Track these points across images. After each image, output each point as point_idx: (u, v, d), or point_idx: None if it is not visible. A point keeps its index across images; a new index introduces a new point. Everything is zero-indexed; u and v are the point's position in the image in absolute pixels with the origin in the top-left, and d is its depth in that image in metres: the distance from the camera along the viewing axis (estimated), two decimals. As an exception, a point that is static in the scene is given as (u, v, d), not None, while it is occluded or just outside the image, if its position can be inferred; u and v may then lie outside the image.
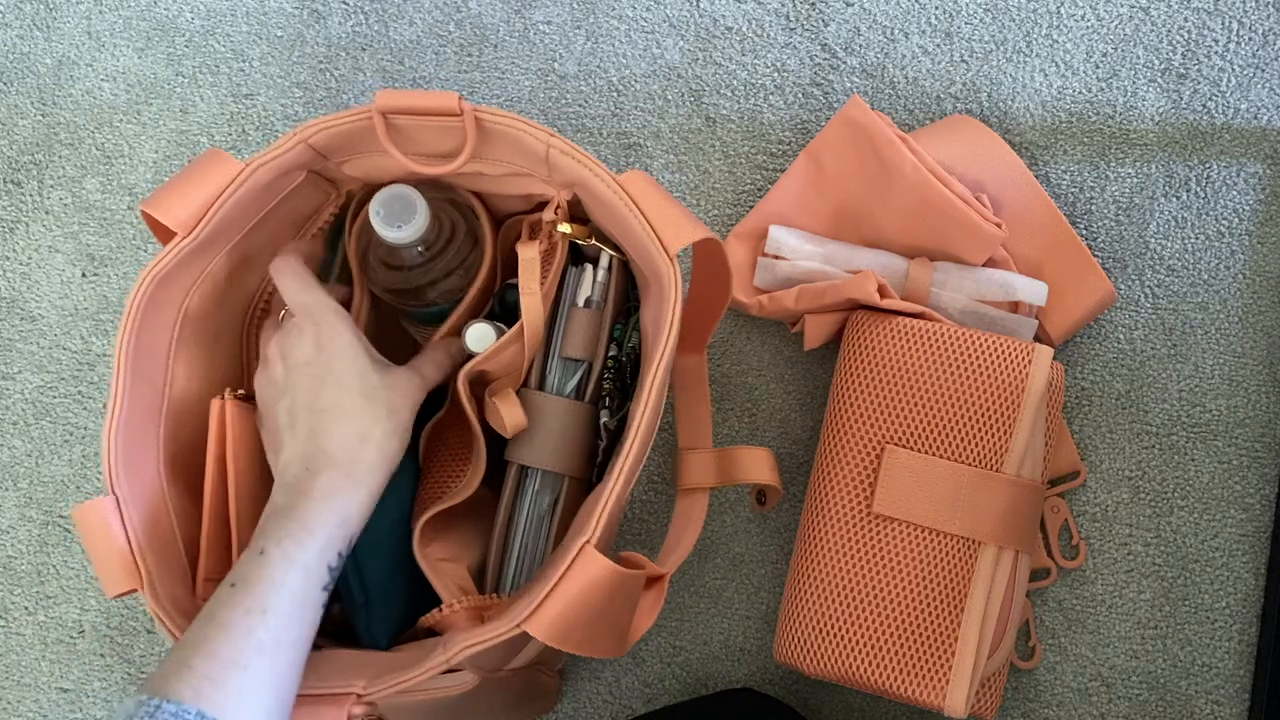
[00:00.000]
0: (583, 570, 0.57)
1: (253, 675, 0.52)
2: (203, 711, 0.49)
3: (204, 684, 0.50)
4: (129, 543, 0.61)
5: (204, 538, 0.65)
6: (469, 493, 0.69)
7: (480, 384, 0.71)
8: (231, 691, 0.51)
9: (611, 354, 0.71)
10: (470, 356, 0.69)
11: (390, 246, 0.67)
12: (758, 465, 0.76)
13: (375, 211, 0.65)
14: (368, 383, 0.63)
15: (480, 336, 0.69)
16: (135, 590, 0.61)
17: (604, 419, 0.70)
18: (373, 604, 0.68)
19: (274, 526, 0.58)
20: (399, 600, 0.70)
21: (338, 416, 0.62)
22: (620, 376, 0.71)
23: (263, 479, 0.67)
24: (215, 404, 0.67)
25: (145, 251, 0.90)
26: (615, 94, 0.90)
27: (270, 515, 0.60)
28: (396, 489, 0.67)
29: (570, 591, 0.57)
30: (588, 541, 0.58)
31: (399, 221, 0.65)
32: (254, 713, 0.51)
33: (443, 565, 0.69)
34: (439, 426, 0.73)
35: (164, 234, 0.65)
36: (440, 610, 0.66)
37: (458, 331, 0.71)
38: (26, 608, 0.88)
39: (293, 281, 0.66)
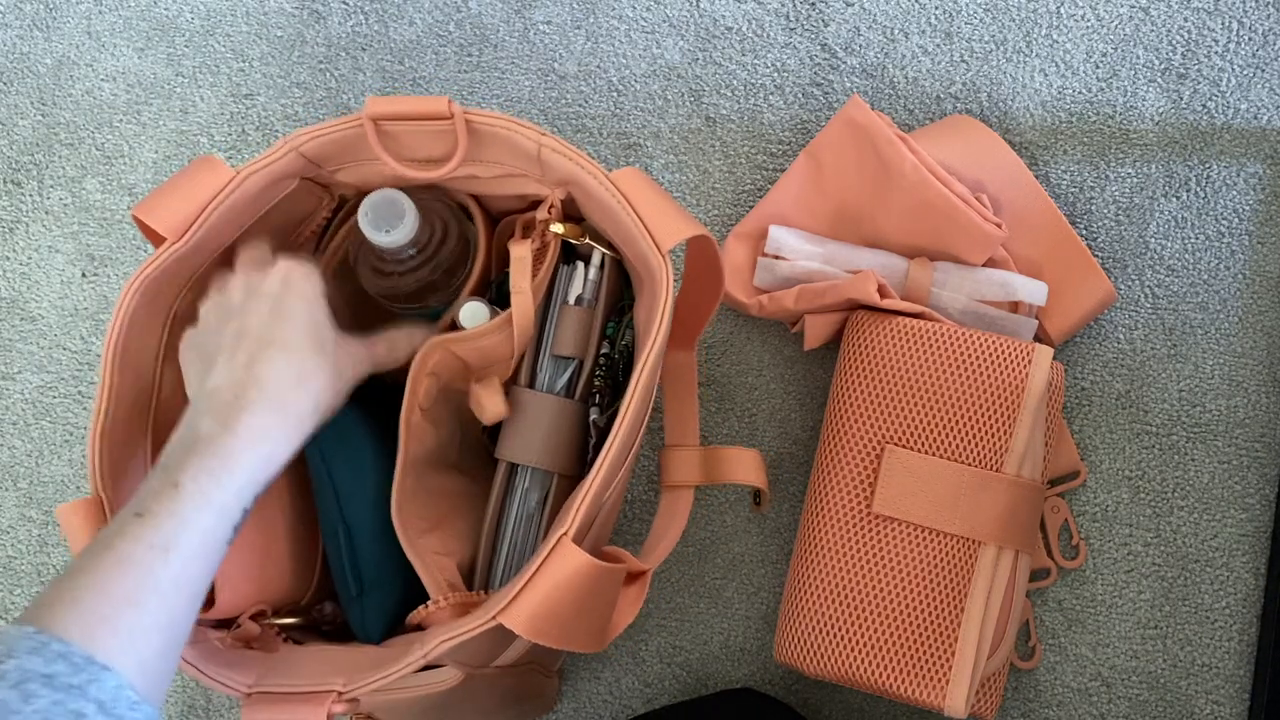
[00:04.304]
0: (560, 563, 0.57)
1: (147, 614, 0.49)
2: (91, 656, 0.45)
3: (92, 620, 0.47)
4: None
5: None
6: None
7: (464, 373, 0.71)
8: (122, 630, 0.48)
9: (604, 351, 0.71)
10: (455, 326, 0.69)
11: (380, 250, 0.67)
12: (744, 466, 0.76)
13: (363, 214, 0.65)
14: (322, 333, 0.62)
15: (474, 313, 0.69)
16: None
17: (593, 416, 0.70)
18: (367, 595, 0.68)
19: (193, 459, 0.54)
20: (394, 592, 0.70)
21: (283, 351, 0.59)
22: (612, 374, 0.71)
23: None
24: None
25: (145, 251, 0.90)
26: (615, 94, 0.90)
27: (188, 445, 0.55)
28: (391, 477, 0.67)
29: (547, 584, 0.57)
30: (564, 534, 0.58)
31: (387, 226, 0.64)
32: (142, 656, 0.48)
33: (435, 559, 0.69)
34: None
35: (156, 239, 0.65)
36: (426, 607, 0.66)
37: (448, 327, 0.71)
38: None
39: (259, 247, 0.66)
